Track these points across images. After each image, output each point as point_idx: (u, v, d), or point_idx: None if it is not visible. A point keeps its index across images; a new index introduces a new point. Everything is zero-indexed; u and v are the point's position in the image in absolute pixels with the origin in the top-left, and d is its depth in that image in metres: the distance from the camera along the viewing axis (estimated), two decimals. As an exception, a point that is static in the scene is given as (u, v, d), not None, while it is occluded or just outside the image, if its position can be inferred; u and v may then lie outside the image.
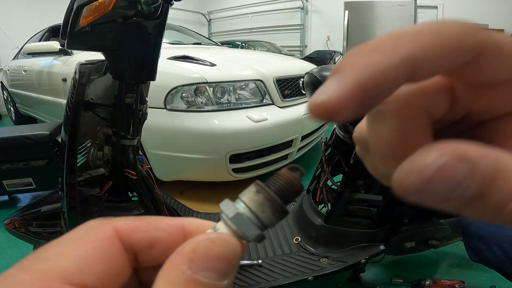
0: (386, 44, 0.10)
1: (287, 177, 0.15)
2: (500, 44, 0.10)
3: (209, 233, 0.13)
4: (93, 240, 0.13)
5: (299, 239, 0.99)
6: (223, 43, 4.02)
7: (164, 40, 0.79)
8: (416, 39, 0.10)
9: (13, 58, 3.86)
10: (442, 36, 0.10)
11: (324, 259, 0.90)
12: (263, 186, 0.14)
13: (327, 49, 6.80)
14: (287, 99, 1.86)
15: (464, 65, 0.10)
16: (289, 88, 1.91)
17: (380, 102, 0.10)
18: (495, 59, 0.10)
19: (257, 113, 1.63)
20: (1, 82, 4.33)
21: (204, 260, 0.12)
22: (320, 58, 6.14)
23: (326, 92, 0.10)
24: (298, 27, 7.60)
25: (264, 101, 1.75)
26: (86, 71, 0.70)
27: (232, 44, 5.83)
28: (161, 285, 0.12)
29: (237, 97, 1.67)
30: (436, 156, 0.09)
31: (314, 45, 7.36)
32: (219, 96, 1.62)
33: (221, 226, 0.14)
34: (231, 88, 1.65)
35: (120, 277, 0.13)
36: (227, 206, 0.14)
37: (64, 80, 2.33)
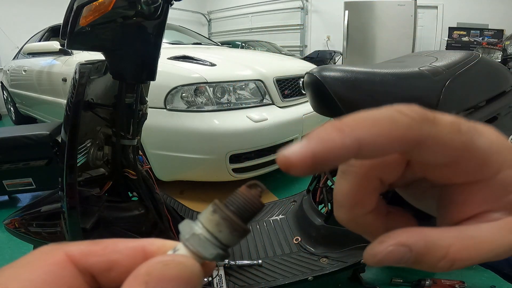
0: (347, 126, 0.12)
1: (245, 195, 0.14)
2: (438, 136, 0.13)
3: (165, 255, 0.14)
4: (44, 265, 0.13)
5: (299, 239, 0.99)
6: (223, 43, 4.02)
7: (164, 40, 0.79)
8: (370, 127, 0.12)
9: (13, 58, 3.86)
10: (392, 126, 0.13)
11: (324, 259, 0.90)
12: (220, 205, 0.14)
13: (327, 49, 6.80)
14: (287, 99, 1.86)
15: (407, 150, 0.13)
16: (289, 88, 1.91)
17: (331, 167, 0.13)
18: (431, 149, 0.13)
19: (257, 113, 1.63)
20: (1, 82, 4.33)
21: (159, 283, 0.12)
22: (320, 58, 6.14)
23: (291, 151, 0.12)
24: (298, 27, 7.60)
25: (264, 101, 1.75)
26: (86, 71, 0.70)
27: (232, 44, 5.82)
28: None
29: (237, 97, 1.67)
30: (386, 246, 0.13)
31: (314, 45, 7.36)
32: (219, 96, 1.62)
33: (180, 247, 0.14)
34: (231, 88, 1.65)
35: None
36: (185, 227, 0.14)
37: (64, 80, 2.33)
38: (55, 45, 2.34)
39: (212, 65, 1.73)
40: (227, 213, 0.14)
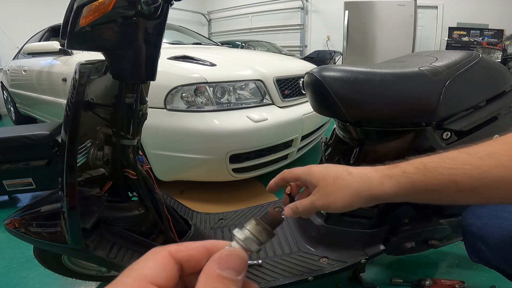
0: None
1: (273, 214, 0.26)
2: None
3: (229, 248, 0.23)
4: (158, 257, 0.21)
5: (300, 240, 0.99)
6: (223, 43, 4.02)
7: (164, 40, 0.79)
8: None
9: (13, 58, 3.86)
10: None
11: (324, 259, 0.90)
12: (260, 220, 0.24)
13: (327, 49, 6.80)
14: (287, 99, 1.86)
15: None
16: (289, 88, 1.91)
17: None
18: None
19: (257, 113, 1.63)
20: (1, 82, 4.33)
21: (226, 263, 0.21)
22: (320, 58, 6.15)
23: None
24: (298, 27, 7.61)
25: (264, 101, 1.75)
26: (86, 71, 0.70)
27: (232, 44, 5.83)
28: (202, 278, 0.20)
29: (237, 97, 1.67)
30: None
31: (314, 45, 7.37)
32: (219, 96, 1.62)
33: (234, 244, 0.23)
34: (231, 88, 1.65)
35: (174, 280, 0.21)
36: (237, 233, 0.24)
37: (64, 80, 2.33)
38: (55, 45, 2.34)
39: (212, 65, 1.73)
40: (265, 225, 0.24)
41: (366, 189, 0.44)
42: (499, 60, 4.45)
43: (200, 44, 2.93)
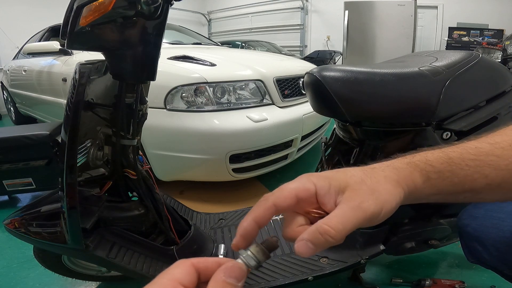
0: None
1: (271, 241, 0.30)
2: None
3: (233, 261, 0.28)
4: (183, 266, 0.27)
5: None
6: (223, 43, 4.02)
7: (164, 40, 0.79)
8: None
9: (13, 58, 3.86)
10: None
11: (324, 259, 0.90)
12: (260, 245, 0.30)
13: (327, 49, 6.80)
14: (287, 99, 1.86)
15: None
16: (289, 88, 1.91)
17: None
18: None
19: (257, 113, 1.63)
20: (1, 82, 4.33)
21: (230, 272, 0.27)
22: (320, 58, 6.15)
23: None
24: (298, 27, 7.60)
25: (264, 101, 1.75)
26: (86, 71, 0.70)
27: (232, 44, 5.83)
28: (211, 282, 0.26)
29: (237, 97, 1.67)
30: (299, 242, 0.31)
31: (314, 45, 7.36)
32: (219, 96, 1.62)
33: (238, 260, 0.29)
34: (231, 88, 1.65)
35: (195, 284, 0.27)
36: (242, 251, 0.30)
37: (64, 80, 2.33)
38: (55, 45, 2.34)
39: (212, 65, 1.73)
40: (262, 248, 0.30)
41: (402, 179, 0.34)
42: (499, 60, 4.45)
43: (200, 44, 2.93)
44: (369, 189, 0.31)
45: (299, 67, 2.21)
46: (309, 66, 2.31)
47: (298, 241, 0.29)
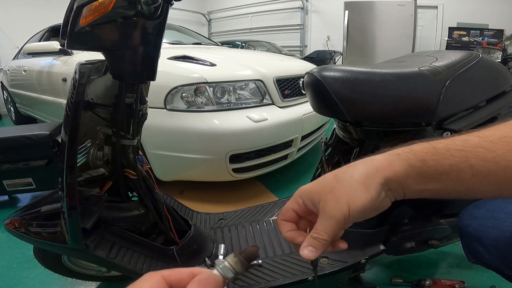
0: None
1: (250, 250, 0.30)
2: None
3: (208, 273, 0.28)
4: (153, 280, 0.27)
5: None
6: (223, 43, 4.02)
7: (164, 40, 0.79)
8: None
9: (13, 58, 3.86)
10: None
11: (324, 259, 0.90)
12: (238, 255, 0.29)
13: (327, 49, 6.80)
14: (287, 99, 1.86)
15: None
16: (289, 88, 1.91)
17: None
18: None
19: (257, 113, 1.63)
20: (1, 82, 4.33)
21: (204, 285, 0.26)
22: (320, 58, 6.15)
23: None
24: (298, 27, 7.60)
25: (264, 101, 1.75)
26: (86, 71, 0.70)
27: (232, 44, 5.83)
28: None
29: (237, 97, 1.67)
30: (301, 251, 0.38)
31: (314, 45, 7.36)
32: (219, 96, 1.62)
33: (215, 271, 0.29)
34: (231, 88, 1.65)
35: None
36: (219, 262, 0.29)
37: (64, 80, 2.33)
38: (55, 45, 2.34)
39: (212, 65, 1.73)
40: (241, 258, 0.29)
41: (374, 171, 0.36)
42: (499, 60, 4.45)
43: (200, 44, 2.93)
44: (334, 196, 0.36)
45: (299, 67, 2.21)
46: (309, 66, 2.32)
47: (302, 248, 0.37)
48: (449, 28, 5.78)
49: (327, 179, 0.38)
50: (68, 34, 0.69)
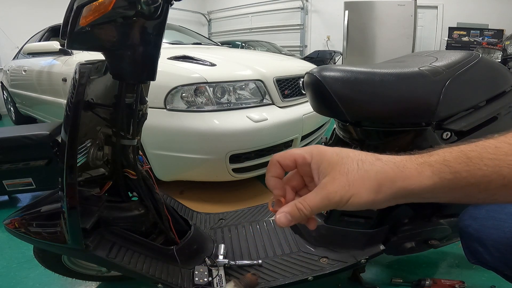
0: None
1: (250, 278, 0.57)
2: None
3: None
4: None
5: (300, 240, 0.99)
6: (223, 43, 4.02)
7: (164, 40, 0.79)
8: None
9: (13, 58, 3.86)
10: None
11: (324, 259, 0.90)
12: (237, 281, 0.57)
13: (327, 49, 6.80)
14: (287, 99, 1.86)
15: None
16: (289, 88, 1.91)
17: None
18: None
19: (257, 113, 1.63)
20: (1, 82, 4.33)
21: None
22: (320, 58, 6.15)
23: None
24: (298, 27, 7.60)
25: (264, 101, 1.75)
26: (86, 71, 0.70)
27: (232, 44, 5.83)
28: None
29: (237, 97, 1.67)
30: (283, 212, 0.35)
31: (314, 45, 7.36)
32: (219, 96, 1.62)
33: None
34: (231, 88, 1.65)
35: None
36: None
37: (64, 80, 2.33)
38: (55, 45, 2.34)
39: (212, 65, 1.73)
40: (240, 286, 0.55)
41: (401, 179, 0.34)
42: (499, 60, 4.45)
43: (200, 44, 2.93)
44: (347, 181, 0.34)
45: (299, 67, 2.21)
46: (309, 66, 2.31)
47: (279, 212, 0.35)
48: (449, 28, 5.78)
49: (349, 159, 0.35)
50: (68, 34, 0.69)
